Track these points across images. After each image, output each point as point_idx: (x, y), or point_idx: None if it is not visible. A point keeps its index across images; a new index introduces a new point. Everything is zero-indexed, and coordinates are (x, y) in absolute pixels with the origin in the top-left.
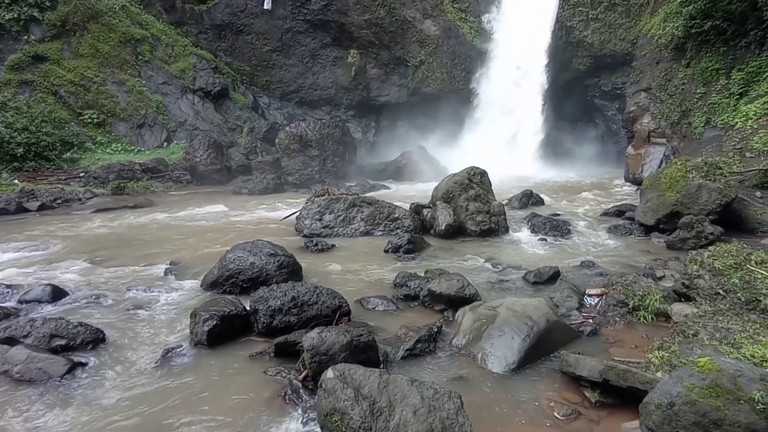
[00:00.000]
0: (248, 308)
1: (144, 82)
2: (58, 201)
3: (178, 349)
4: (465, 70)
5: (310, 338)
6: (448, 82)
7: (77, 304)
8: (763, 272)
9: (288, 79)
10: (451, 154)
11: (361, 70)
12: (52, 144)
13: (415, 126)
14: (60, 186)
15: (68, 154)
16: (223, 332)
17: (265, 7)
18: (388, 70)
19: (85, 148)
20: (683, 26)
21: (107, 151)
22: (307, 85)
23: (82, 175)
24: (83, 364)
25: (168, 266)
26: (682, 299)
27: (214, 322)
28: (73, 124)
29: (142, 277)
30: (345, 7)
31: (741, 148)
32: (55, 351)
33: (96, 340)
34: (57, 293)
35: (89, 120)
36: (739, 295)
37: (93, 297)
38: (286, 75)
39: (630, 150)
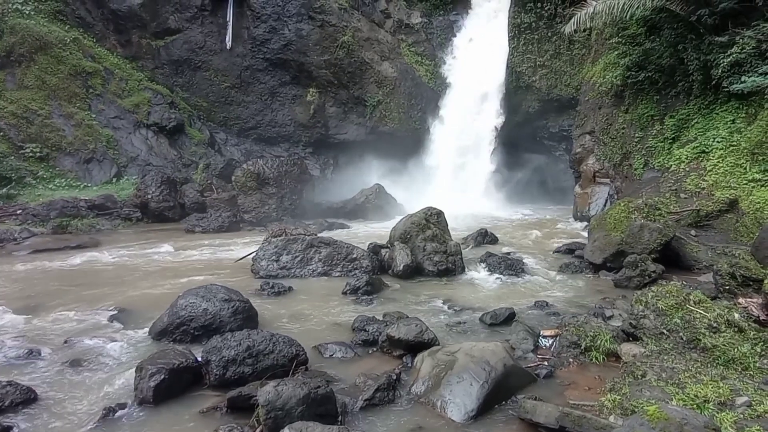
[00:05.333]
0: (200, 359)
1: (94, 115)
2: None
3: (121, 408)
4: (421, 111)
5: (265, 392)
6: (405, 122)
7: (6, 359)
8: (701, 311)
9: (246, 115)
10: (407, 193)
11: (319, 108)
12: None
13: (373, 164)
14: None
15: (4, 190)
16: (172, 387)
17: (228, 44)
18: (347, 109)
19: (25, 184)
20: (621, 76)
21: (49, 186)
22: (265, 122)
23: (19, 212)
24: (10, 429)
25: (113, 313)
26: (631, 339)
27: (162, 377)
28: (12, 158)
29: (84, 325)
30: (304, 48)
31: (676, 189)
32: None
33: (27, 400)
34: None
35: (31, 154)
36: (681, 334)
37: (25, 351)
38: (245, 111)
39: (577, 189)
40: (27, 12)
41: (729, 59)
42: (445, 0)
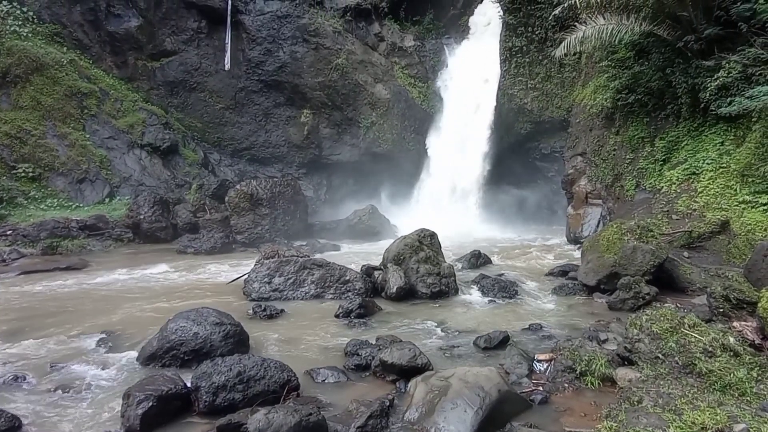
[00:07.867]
0: (189, 385)
1: (88, 135)
2: None
3: None
4: (414, 132)
5: (255, 420)
6: (398, 143)
7: None
8: (696, 335)
9: (240, 136)
10: (400, 213)
11: (313, 129)
12: None
13: (367, 185)
14: None
15: None
16: (160, 414)
17: (226, 66)
18: (341, 130)
19: (16, 204)
20: (611, 98)
21: (41, 207)
22: (259, 142)
23: (9, 233)
24: None
25: (101, 337)
26: (626, 363)
27: (150, 404)
28: (4, 178)
29: (71, 350)
30: (299, 70)
31: (668, 210)
32: None
33: (11, 428)
34: None
35: (23, 174)
36: (676, 358)
37: (10, 377)
38: (239, 132)
39: (570, 210)
40: (24, 34)
41: (716, 83)
42: (437, 24)
